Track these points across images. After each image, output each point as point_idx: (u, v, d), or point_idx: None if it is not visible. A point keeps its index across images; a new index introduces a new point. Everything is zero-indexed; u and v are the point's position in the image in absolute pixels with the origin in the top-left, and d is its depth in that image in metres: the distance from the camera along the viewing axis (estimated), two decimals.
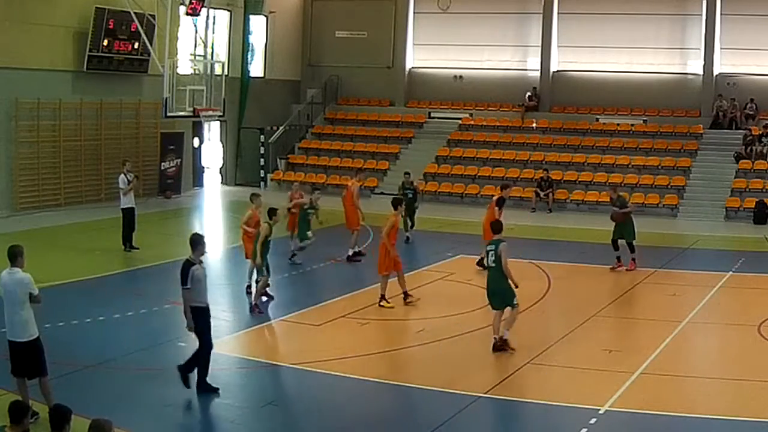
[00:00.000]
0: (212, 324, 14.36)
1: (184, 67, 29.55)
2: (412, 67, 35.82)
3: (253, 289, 15.58)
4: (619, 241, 19.20)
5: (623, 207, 19.45)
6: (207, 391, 11.06)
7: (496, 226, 13.45)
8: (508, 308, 13.00)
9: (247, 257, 16.48)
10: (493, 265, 12.96)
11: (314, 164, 33.12)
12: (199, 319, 11.14)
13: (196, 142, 31.77)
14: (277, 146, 33.90)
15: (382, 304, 15.43)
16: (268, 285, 15.54)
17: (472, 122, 33.64)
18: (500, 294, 12.95)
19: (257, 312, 15.01)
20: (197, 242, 11.23)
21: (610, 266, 19.06)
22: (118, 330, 14.01)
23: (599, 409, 10.56)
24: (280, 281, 18.01)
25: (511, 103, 33.67)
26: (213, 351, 13.28)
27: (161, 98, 26.37)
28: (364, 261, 19.68)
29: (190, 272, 10.97)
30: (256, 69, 34.37)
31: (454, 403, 10.86)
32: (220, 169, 33.82)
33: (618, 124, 31.69)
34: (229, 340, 13.65)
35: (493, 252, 12.91)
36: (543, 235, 24.36)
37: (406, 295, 15.86)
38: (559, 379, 12.10)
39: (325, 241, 21.70)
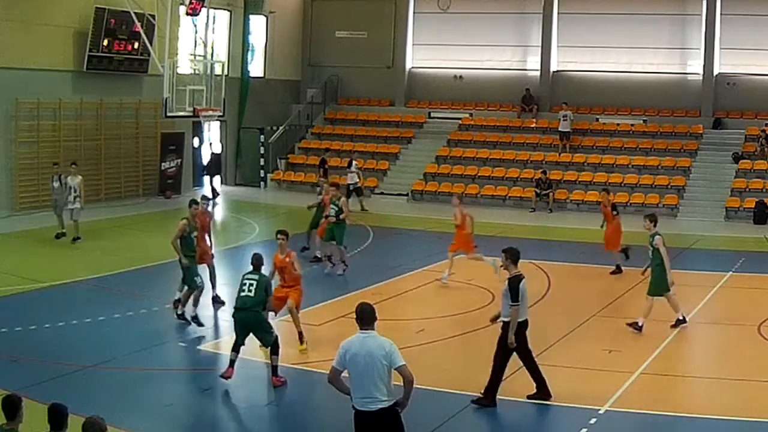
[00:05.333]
0: (211, 323, 14.44)
1: (184, 67, 29.54)
2: (412, 67, 35.82)
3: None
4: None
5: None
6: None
7: None
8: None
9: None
10: None
11: (314, 164, 33.07)
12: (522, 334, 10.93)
13: (196, 142, 31.77)
14: (277, 146, 33.90)
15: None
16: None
17: (472, 122, 33.64)
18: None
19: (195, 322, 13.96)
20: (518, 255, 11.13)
21: None
22: (118, 330, 14.00)
23: (599, 409, 10.57)
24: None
25: (511, 103, 33.69)
26: (212, 351, 13.32)
27: (161, 98, 26.35)
28: (362, 262, 19.69)
29: (520, 287, 10.78)
30: (256, 69, 34.37)
31: (454, 403, 10.87)
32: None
33: (618, 124, 31.69)
34: (229, 340, 13.64)
35: None
36: (543, 235, 24.36)
37: None
38: (559, 379, 12.09)
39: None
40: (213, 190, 29.72)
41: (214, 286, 15.58)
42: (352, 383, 7.70)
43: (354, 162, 28.47)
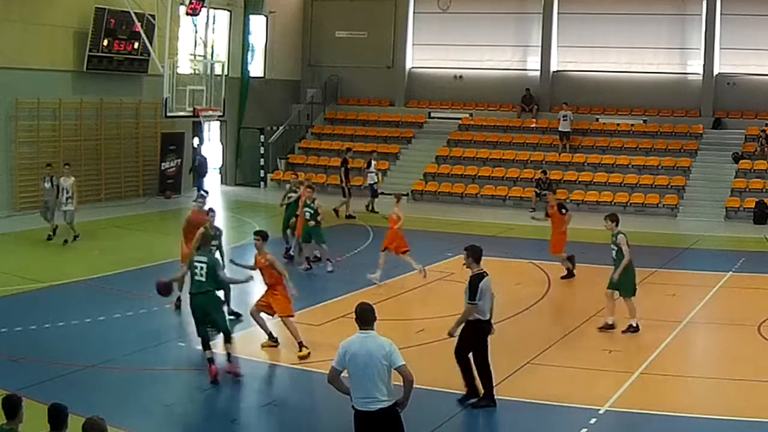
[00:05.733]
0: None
1: (184, 67, 29.55)
2: (412, 67, 35.82)
3: None
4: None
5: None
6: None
7: None
8: None
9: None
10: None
11: (314, 164, 33.11)
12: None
13: (196, 142, 31.75)
14: (277, 146, 33.91)
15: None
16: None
17: (471, 122, 33.64)
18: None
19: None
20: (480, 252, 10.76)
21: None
22: (118, 330, 14.00)
23: (599, 409, 10.57)
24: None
25: (511, 103, 33.70)
26: (214, 351, 13.29)
27: (161, 98, 26.36)
28: (362, 262, 19.69)
29: (480, 285, 10.56)
30: (256, 69, 34.37)
31: (454, 403, 10.87)
32: (220, 169, 33.82)
33: (618, 124, 31.69)
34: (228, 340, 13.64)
35: None
36: (543, 235, 24.29)
37: None
38: (559, 379, 12.10)
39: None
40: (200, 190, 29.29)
41: None
42: (351, 383, 7.69)
43: (373, 162, 28.25)
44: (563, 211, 18.61)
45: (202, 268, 11.57)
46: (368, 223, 25.16)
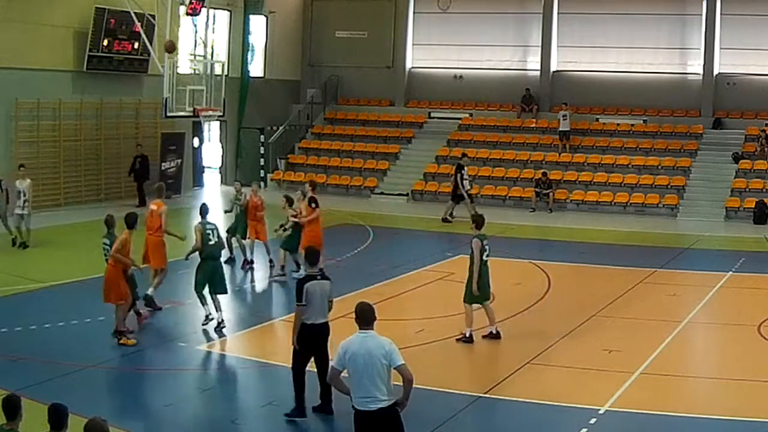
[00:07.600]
0: (213, 323, 14.41)
1: (184, 67, 29.51)
2: (412, 67, 35.81)
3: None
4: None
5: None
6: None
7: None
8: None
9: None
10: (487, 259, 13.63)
11: (314, 164, 33.10)
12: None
13: (196, 142, 31.74)
14: (277, 146, 33.90)
15: None
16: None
17: (471, 122, 33.63)
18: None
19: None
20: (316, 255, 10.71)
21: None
22: None
23: (599, 409, 10.57)
24: (280, 281, 18.01)
25: (511, 103, 33.69)
26: (214, 351, 13.31)
27: (161, 98, 26.33)
28: (362, 262, 19.69)
29: (305, 287, 10.29)
30: (256, 69, 34.36)
31: (454, 403, 10.87)
32: (220, 169, 33.81)
33: (618, 124, 31.67)
34: (229, 340, 13.66)
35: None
36: (543, 235, 24.35)
37: None
38: (559, 379, 12.10)
39: (326, 241, 21.65)
40: (141, 195, 27.33)
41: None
42: (351, 383, 7.68)
43: (464, 167, 27.31)
44: (313, 205, 17.20)
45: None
46: (368, 224, 25.12)
